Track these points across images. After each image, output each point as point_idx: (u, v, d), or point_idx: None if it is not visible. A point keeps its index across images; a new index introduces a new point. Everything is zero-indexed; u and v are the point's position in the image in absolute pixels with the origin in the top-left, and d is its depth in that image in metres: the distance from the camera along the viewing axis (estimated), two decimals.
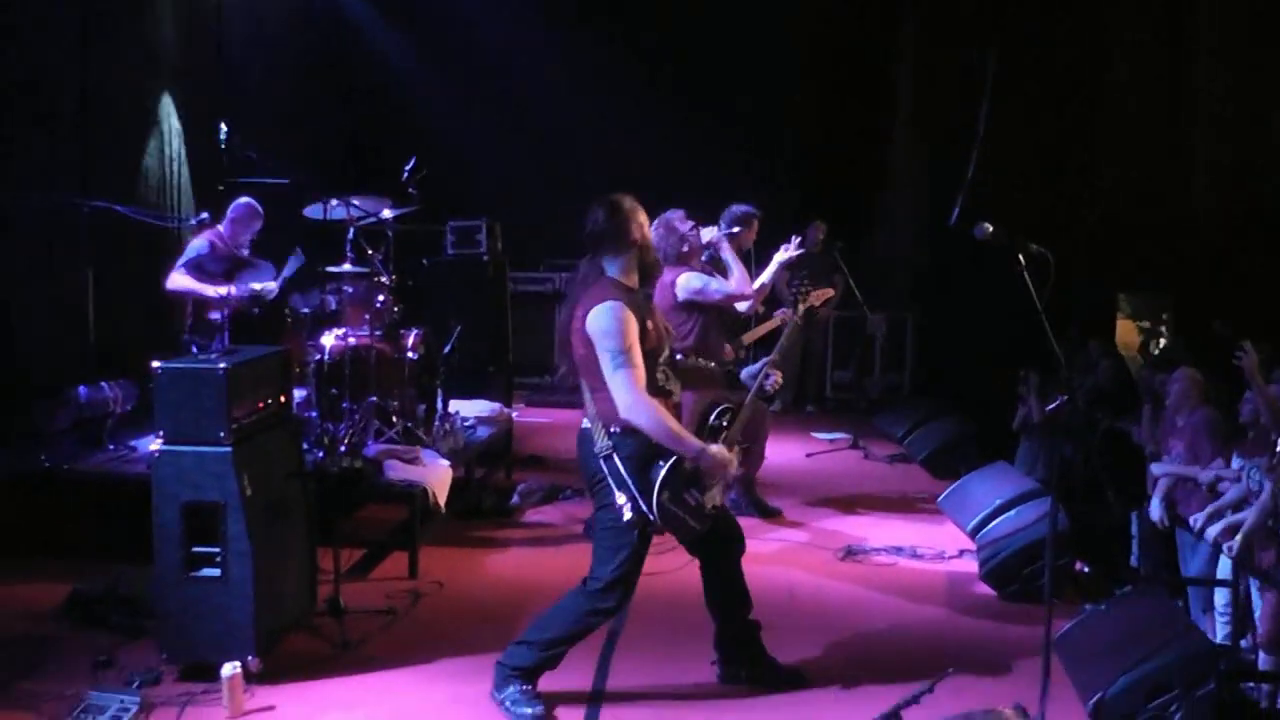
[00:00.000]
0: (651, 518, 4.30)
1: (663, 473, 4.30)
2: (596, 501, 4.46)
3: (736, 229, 6.95)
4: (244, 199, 7.36)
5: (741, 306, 6.92)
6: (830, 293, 7.34)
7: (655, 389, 4.38)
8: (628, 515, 4.31)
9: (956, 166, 10.53)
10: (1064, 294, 4.19)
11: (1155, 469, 6.07)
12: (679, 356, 6.26)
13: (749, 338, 7.38)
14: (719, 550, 4.75)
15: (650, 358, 4.39)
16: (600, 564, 4.46)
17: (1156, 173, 10.44)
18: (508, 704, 4.51)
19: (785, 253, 6.94)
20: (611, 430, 4.35)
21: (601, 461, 4.36)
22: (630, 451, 4.33)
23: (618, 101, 12.38)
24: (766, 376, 4.77)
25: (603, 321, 4.30)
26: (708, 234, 6.72)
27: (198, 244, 7.17)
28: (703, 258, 6.80)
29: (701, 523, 4.46)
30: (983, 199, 9.93)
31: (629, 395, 4.25)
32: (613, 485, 4.34)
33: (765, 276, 7.04)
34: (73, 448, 6.65)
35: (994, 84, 10.08)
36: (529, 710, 4.48)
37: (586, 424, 4.46)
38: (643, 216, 4.51)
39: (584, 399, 4.47)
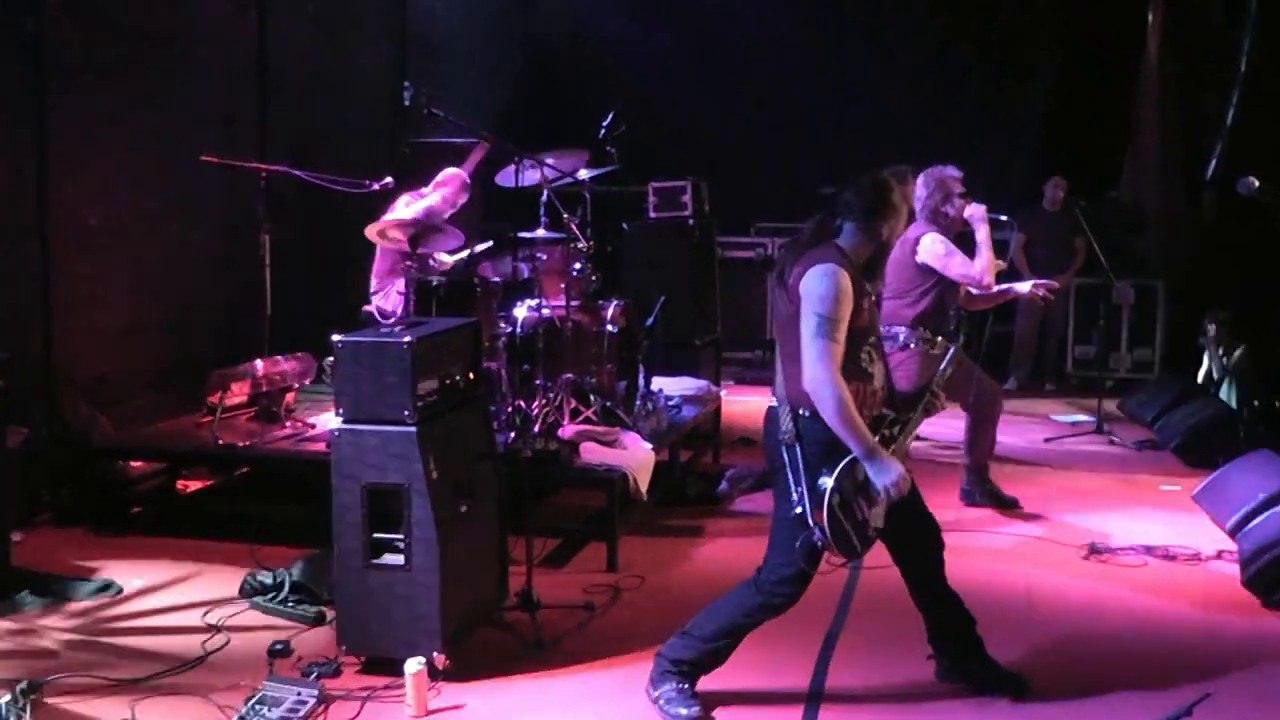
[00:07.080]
0: (811, 523, 4.08)
1: (837, 471, 4.08)
2: (776, 490, 4.29)
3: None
4: (453, 170, 7.39)
5: (973, 290, 6.72)
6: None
7: (856, 370, 4.18)
8: (797, 511, 4.12)
9: (1213, 112, 9.78)
10: None
11: None
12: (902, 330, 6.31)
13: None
14: (913, 549, 4.53)
15: (859, 336, 4.20)
16: (775, 556, 4.32)
17: None
18: (662, 702, 4.36)
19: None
20: (800, 413, 4.15)
21: (784, 449, 4.18)
22: (816, 437, 4.11)
23: (840, 51, 11.98)
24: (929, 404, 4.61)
25: (819, 284, 4.12)
26: (970, 210, 6.55)
27: (424, 204, 7.17)
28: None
29: (863, 543, 4.23)
30: (1243, 147, 9.19)
31: (819, 368, 4.05)
32: (791, 476, 4.16)
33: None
34: (249, 424, 6.73)
35: (1259, 13, 9.24)
36: (684, 710, 4.31)
37: (774, 403, 4.28)
38: (903, 215, 4.41)
39: (775, 374, 4.29)
